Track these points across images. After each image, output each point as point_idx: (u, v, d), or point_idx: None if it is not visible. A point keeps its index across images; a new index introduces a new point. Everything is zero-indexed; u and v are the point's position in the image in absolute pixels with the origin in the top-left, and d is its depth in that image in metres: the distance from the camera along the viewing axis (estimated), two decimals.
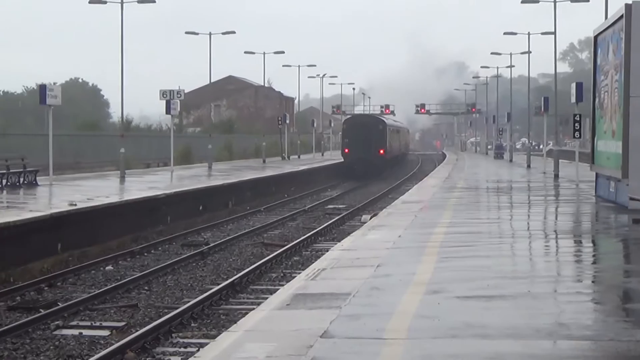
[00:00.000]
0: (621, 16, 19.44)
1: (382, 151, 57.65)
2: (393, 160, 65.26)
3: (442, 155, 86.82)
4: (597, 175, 23.61)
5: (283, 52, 72.06)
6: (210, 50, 54.63)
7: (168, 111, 38.75)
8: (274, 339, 7.77)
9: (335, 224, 27.06)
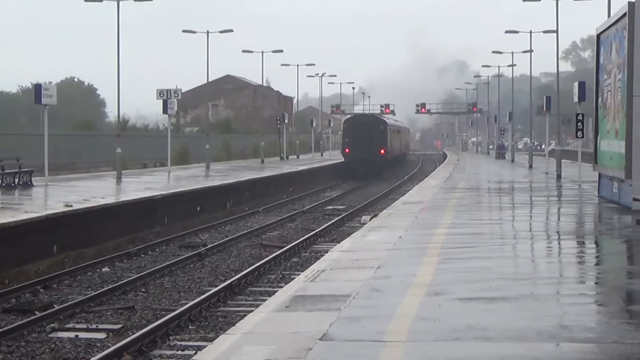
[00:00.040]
0: (624, 14, 19.45)
1: (382, 151, 57.78)
2: (394, 160, 65.44)
3: (443, 155, 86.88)
4: (600, 176, 23.62)
5: (281, 51, 72.04)
6: (207, 49, 54.37)
7: (165, 111, 38.78)
8: (273, 341, 7.77)
9: (334, 225, 27.06)
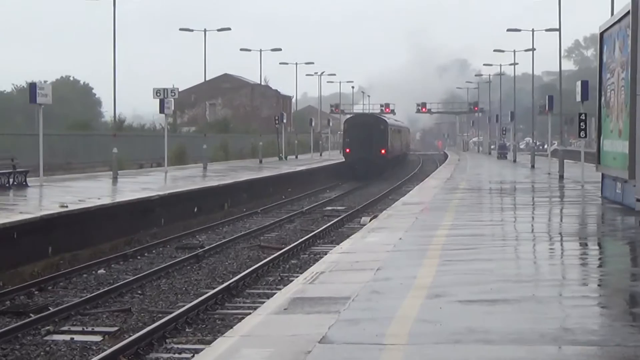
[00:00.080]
0: (627, 12, 19.45)
1: (383, 151, 58.02)
2: (394, 160, 65.63)
3: (444, 155, 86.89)
4: (603, 176, 23.63)
5: (280, 50, 72.00)
6: (205, 47, 54.36)
7: (162, 110, 38.79)
8: (271, 344, 7.77)
9: (334, 226, 27.06)
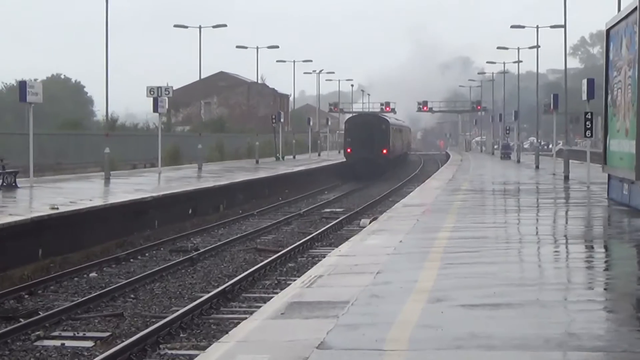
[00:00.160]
0: (635, 8, 19.46)
1: (385, 151, 58.36)
2: (396, 160, 65.84)
3: (446, 155, 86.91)
4: (609, 177, 23.65)
5: (277, 47, 72.06)
6: (200, 44, 54.48)
7: (155, 109, 38.77)
8: (268, 350, 7.78)
9: (332, 229, 27.08)
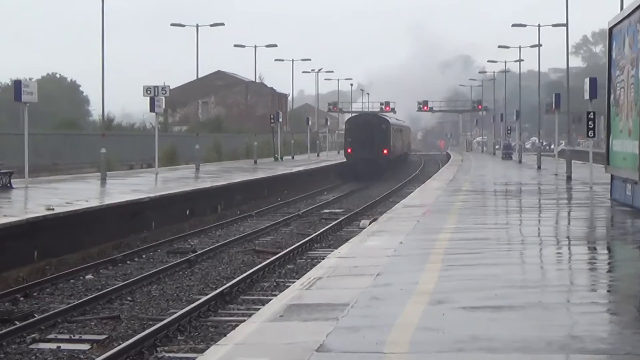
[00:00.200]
0: (638, 6, 19.46)
1: (385, 151, 58.59)
2: (396, 160, 66.00)
3: (447, 155, 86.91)
4: (612, 177, 23.65)
5: (275, 46, 72.12)
6: (197, 43, 54.34)
7: (152, 109, 38.76)
8: (266, 353, 7.77)
9: (331, 230, 27.07)
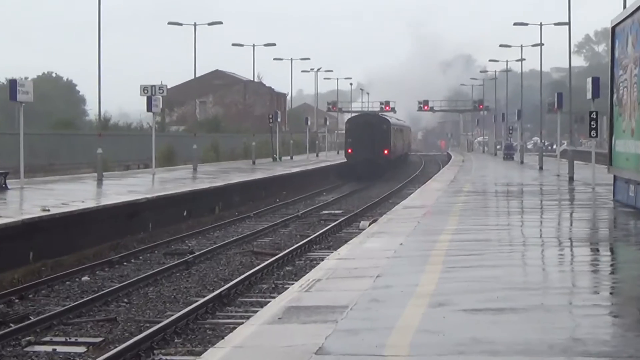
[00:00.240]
0: None
1: (386, 151, 58.79)
2: (397, 160, 66.15)
3: (447, 156, 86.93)
4: (615, 178, 23.65)
5: (274, 45, 72.11)
6: (195, 41, 54.45)
7: (149, 108, 38.75)
8: (265, 355, 7.77)
9: (331, 231, 27.07)
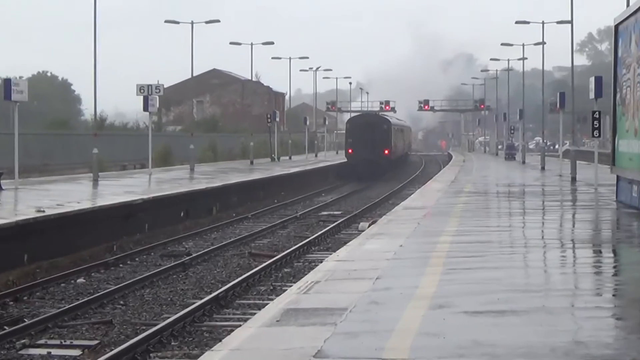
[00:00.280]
0: None
1: (387, 151, 58.97)
2: (397, 160, 66.31)
3: (448, 156, 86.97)
4: (618, 179, 23.66)
5: (272, 43, 72.07)
6: (192, 40, 54.42)
7: (146, 108, 38.73)
8: (262, 358, 7.77)
9: (330, 232, 27.06)
